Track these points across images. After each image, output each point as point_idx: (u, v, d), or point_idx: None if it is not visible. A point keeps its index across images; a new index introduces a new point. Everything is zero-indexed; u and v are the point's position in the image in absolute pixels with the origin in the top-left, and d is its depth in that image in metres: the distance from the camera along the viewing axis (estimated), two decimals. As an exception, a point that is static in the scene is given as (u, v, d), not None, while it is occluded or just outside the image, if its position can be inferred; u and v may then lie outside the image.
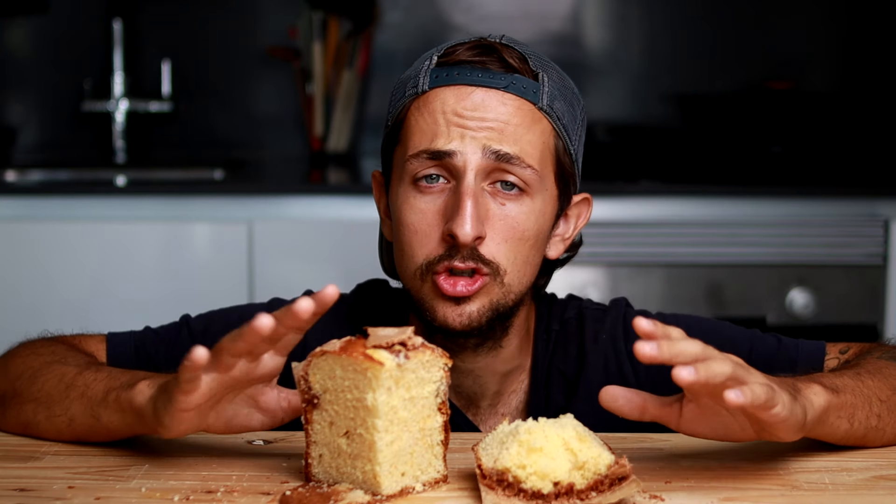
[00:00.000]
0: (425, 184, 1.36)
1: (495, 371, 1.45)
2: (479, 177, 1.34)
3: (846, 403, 1.23)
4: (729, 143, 3.11)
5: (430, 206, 1.35)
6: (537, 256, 1.40)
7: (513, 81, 1.35)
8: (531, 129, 1.35)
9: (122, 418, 1.25)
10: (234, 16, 3.37)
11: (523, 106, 1.35)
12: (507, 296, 1.37)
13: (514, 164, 1.34)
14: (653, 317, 1.50)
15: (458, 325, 1.36)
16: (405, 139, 1.38)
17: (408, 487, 1.16)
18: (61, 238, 2.70)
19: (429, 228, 1.35)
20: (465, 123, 1.34)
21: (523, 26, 3.31)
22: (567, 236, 1.46)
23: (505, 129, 1.34)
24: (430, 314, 1.37)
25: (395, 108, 1.41)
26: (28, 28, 3.35)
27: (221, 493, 1.16)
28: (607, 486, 1.10)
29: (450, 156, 1.33)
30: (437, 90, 1.36)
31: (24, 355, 1.39)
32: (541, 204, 1.37)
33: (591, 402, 1.43)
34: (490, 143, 1.33)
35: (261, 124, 3.40)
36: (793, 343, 1.47)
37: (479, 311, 1.36)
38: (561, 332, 1.49)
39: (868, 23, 3.37)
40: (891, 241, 2.71)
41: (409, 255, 1.37)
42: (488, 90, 1.35)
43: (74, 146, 3.36)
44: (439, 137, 1.34)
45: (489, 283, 1.35)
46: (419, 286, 1.37)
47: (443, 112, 1.35)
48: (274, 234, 2.70)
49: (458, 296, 1.34)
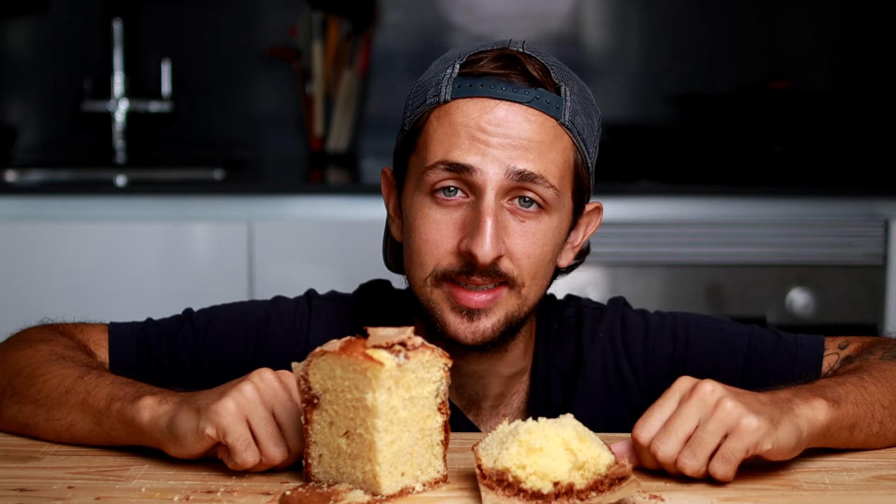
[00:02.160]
0: (443, 196, 1.33)
1: (499, 374, 1.45)
2: (499, 195, 1.32)
3: (848, 414, 1.23)
4: (729, 143, 3.11)
5: (447, 219, 1.33)
6: (552, 268, 1.39)
7: (536, 96, 1.33)
8: (553, 147, 1.33)
9: (125, 430, 1.25)
10: (234, 16, 3.37)
11: (546, 122, 1.33)
12: (521, 308, 1.36)
13: (536, 183, 1.32)
14: (651, 315, 1.50)
15: (469, 341, 1.35)
16: (423, 148, 1.35)
17: (408, 487, 1.16)
18: (61, 238, 2.70)
19: (443, 240, 1.33)
20: (487, 140, 1.31)
21: (523, 26, 3.31)
22: (577, 244, 1.45)
23: (529, 146, 1.32)
24: (440, 326, 1.35)
25: (413, 114, 1.38)
26: (28, 28, 3.35)
27: (221, 493, 1.15)
28: (607, 486, 1.10)
29: (469, 171, 1.31)
30: (459, 101, 1.33)
31: (23, 349, 1.38)
32: (557, 221, 1.36)
33: (588, 401, 1.44)
34: (513, 163, 1.31)
35: (261, 124, 3.40)
36: (792, 338, 1.46)
37: (494, 326, 1.35)
38: (560, 331, 1.49)
39: (868, 23, 3.37)
40: (891, 241, 2.71)
41: (419, 262, 1.35)
42: (512, 105, 1.32)
43: (74, 146, 3.36)
44: (459, 150, 1.32)
45: (506, 294, 1.34)
46: (429, 293, 1.35)
47: (465, 125, 1.32)
48: (274, 234, 2.70)
49: (474, 308, 1.33)
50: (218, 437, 1.17)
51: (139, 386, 1.28)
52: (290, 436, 1.19)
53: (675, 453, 1.16)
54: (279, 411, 1.19)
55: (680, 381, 1.20)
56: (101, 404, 1.26)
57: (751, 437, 1.15)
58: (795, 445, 1.18)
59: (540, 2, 3.36)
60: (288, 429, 1.19)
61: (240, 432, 1.17)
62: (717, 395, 1.16)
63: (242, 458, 1.17)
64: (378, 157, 3.34)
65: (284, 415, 1.19)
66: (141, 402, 1.23)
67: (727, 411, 1.15)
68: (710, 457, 1.16)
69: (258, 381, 1.19)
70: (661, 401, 1.19)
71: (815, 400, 1.21)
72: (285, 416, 1.19)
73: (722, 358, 1.45)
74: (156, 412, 1.22)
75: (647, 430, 1.18)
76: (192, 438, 1.18)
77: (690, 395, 1.17)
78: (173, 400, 1.22)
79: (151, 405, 1.22)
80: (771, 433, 1.15)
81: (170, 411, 1.21)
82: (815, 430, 1.20)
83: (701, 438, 1.16)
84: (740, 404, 1.16)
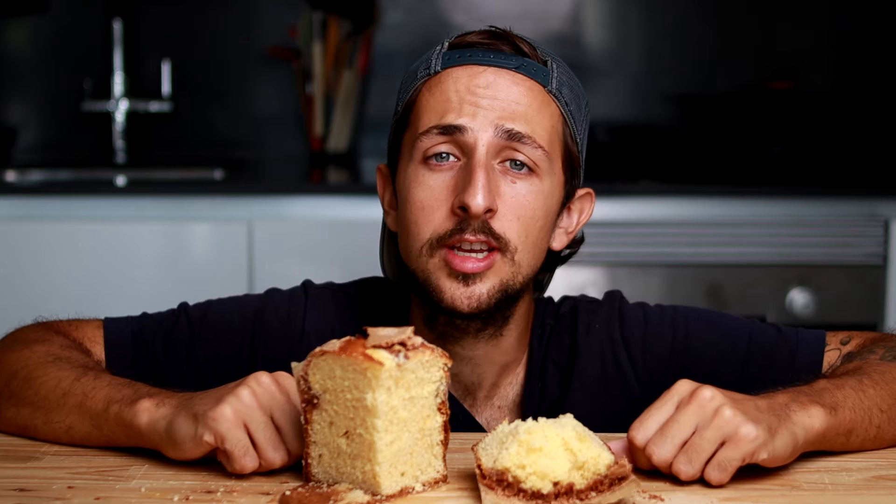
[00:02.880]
0: (435, 162, 1.35)
1: (494, 361, 1.45)
2: (490, 153, 1.34)
3: (845, 420, 1.23)
4: (729, 143, 3.11)
5: (440, 183, 1.35)
6: (544, 241, 1.40)
7: (524, 63, 1.37)
8: (541, 112, 1.36)
9: (123, 433, 1.25)
10: (234, 16, 3.37)
11: (534, 87, 1.36)
12: (516, 276, 1.36)
13: (525, 143, 1.34)
14: (651, 308, 1.50)
15: (465, 308, 1.35)
16: (415, 120, 1.38)
17: (407, 487, 1.16)
18: (61, 238, 2.70)
19: (437, 203, 1.34)
20: (477, 101, 1.34)
21: (523, 26, 3.27)
22: (570, 230, 1.45)
23: (516, 108, 1.35)
24: (436, 294, 1.35)
25: (405, 94, 1.41)
26: (28, 28, 3.35)
27: (221, 493, 1.15)
28: (607, 486, 1.10)
29: (461, 131, 1.33)
30: (450, 70, 1.37)
31: (18, 349, 1.37)
32: (549, 186, 1.37)
33: (585, 392, 1.44)
34: (502, 122, 1.34)
35: (261, 124, 3.40)
36: (793, 333, 1.46)
37: (489, 292, 1.35)
38: (556, 326, 1.49)
39: (868, 23, 3.37)
40: (891, 241, 2.71)
41: (415, 232, 1.36)
42: (500, 70, 1.36)
43: (74, 146, 3.36)
44: (451, 113, 1.34)
45: (499, 260, 1.34)
46: (425, 263, 1.35)
47: (455, 90, 1.35)
48: (274, 234, 2.70)
49: (469, 273, 1.34)
50: (216, 444, 1.17)
51: (136, 387, 1.27)
52: (289, 438, 1.19)
53: (671, 458, 1.16)
54: (277, 415, 1.19)
55: (679, 385, 1.19)
56: (99, 407, 1.26)
57: (748, 447, 1.15)
58: (791, 453, 1.18)
59: (540, 2, 3.36)
60: (287, 431, 1.19)
61: (238, 438, 1.17)
62: (717, 402, 1.16)
63: (241, 463, 1.17)
64: (378, 157, 3.34)
65: (283, 418, 1.19)
66: (138, 405, 1.23)
67: (726, 419, 1.15)
68: (705, 463, 1.16)
69: (255, 385, 1.19)
70: (659, 403, 1.19)
71: (813, 407, 1.21)
72: (284, 419, 1.19)
73: (722, 351, 1.45)
74: (153, 416, 1.21)
75: (643, 433, 1.18)
76: (190, 444, 1.18)
77: (689, 400, 1.17)
78: (171, 403, 1.22)
79: (149, 408, 1.22)
80: (768, 443, 1.15)
81: (168, 415, 1.21)
82: (811, 437, 1.20)
83: (698, 445, 1.15)
84: (739, 413, 1.15)
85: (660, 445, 1.16)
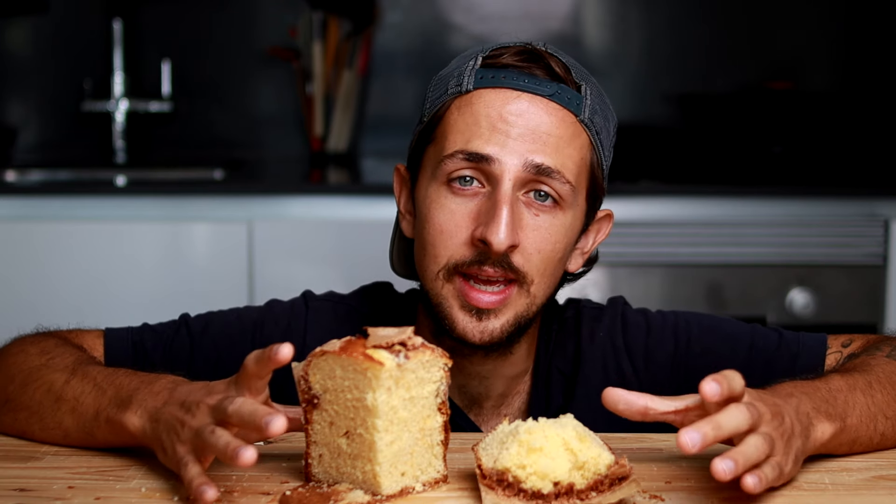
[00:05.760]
0: (458, 185, 1.33)
1: (503, 374, 1.45)
2: (516, 186, 1.31)
3: (851, 428, 1.23)
4: (729, 143, 3.11)
5: (462, 208, 1.33)
6: (561, 269, 1.39)
7: (558, 91, 1.33)
8: (571, 143, 1.34)
9: (117, 437, 1.24)
10: (234, 16, 3.37)
11: (566, 118, 1.33)
12: (530, 308, 1.35)
13: (553, 177, 1.32)
14: (653, 314, 1.50)
15: (476, 341, 1.34)
16: (441, 137, 1.35)
17: (408, 487, 1.16)
18: (61, 238, 2.70)
19: (456, 230, 1.32)
20: (507, 130, 1.31)
21: (523, 26, 3.31)
22: (586, 250, 1.44)
23: (547, 140, 1.32)
24: (447, 322, 1.35)
25: (433, 105, 1.37)
26: (28, 28, 3.35)
27: (221, 493, 1.15)
28: (607, 486, 1.10)
29: (488, 161, 1.31)
30: (481, 91, 1.33)
31: (15, 354, 1.37)
32: (571, 219, 1.35)
33: (589, 401, 1.43)
34: (531, 156, 1.31)
35: (261, 124, 3.40)
36: (794, 337, 1.46)
37: (503, 326, 1.34)
38: (560, 332, 1.48)
39: (868, 23, 3.37)
40: (891, 241, 2.71)
41: (433, 254, 1.34)
42: (533, 97, 1.32)
43: (74, 146, 3.36)
44: (479, 139, 1.31)
45: (516, 293, 1.33)
46: (440, 288, 1.34)
47: (486, 115, 1.32)
48: (274, 234, 2.70)
49: (483, 307, 1.33)
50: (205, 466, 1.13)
51: (118, 386, 1.24)
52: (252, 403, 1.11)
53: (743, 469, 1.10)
54: (226, 404, 1.11)
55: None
56: (90, 413, 1.25)
57: (781, 481, 1.13)
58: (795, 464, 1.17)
59: (540, 2, 3.36)
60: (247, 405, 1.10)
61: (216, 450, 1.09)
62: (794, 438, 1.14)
63: (242, 463, 1.10)
64: (378, 157, 3.34)
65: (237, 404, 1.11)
66: (128, 408, 1.20)
67: (788, 473, 1.13)
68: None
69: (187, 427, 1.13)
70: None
71: (825, 422, 1.20)
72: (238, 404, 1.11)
73: (724, 357, 1.44)
74: (139, 425, 1.19)
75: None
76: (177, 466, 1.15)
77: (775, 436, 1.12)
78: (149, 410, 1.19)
79: (132, 419, 1.20)
80: (792, 473, 1.15)
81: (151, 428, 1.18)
82: (814, 446, 1.20)
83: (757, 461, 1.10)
84: (798, 465, 1.14)
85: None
